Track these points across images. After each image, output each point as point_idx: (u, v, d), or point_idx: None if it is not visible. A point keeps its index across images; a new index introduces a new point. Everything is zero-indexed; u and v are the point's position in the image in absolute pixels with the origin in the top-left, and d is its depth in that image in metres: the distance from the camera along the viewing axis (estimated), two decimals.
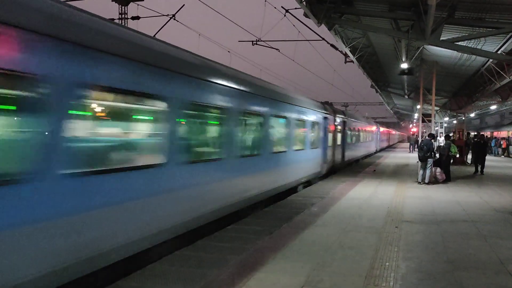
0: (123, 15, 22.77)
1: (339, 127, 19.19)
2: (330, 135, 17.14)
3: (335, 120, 18.15)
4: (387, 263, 5.54)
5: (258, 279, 4.89)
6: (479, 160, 18.04)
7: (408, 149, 39.72)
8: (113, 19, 19.10)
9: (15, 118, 4.05)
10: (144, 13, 19.28)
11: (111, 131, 5.36)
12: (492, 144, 35.91)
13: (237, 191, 8.42)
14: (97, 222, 4.63)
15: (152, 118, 6.05)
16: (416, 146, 37.27)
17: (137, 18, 20.18)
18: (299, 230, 7.33)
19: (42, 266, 4.02)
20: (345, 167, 20.87)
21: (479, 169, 17.96)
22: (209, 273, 5.05)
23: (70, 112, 4.35)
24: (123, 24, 22.79)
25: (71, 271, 4.34)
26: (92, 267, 4.61)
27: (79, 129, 4.56)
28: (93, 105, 4.88)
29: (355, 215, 8.71)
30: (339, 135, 19.21)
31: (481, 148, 18.28)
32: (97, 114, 5.08)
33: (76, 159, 4.42)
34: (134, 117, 5.84)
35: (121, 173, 5.01)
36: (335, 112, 18.71)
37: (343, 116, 20.37)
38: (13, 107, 3.97)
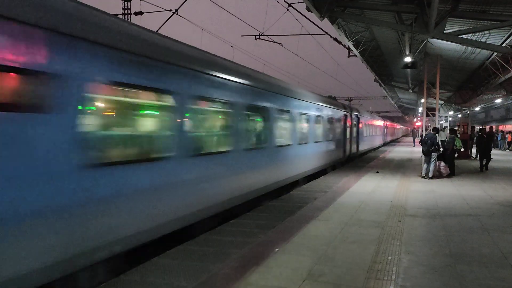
0: (126, 10, 22.77)
1: (354, 123, 22.47)
2: (348, 130, 20.70)
3: (352, 117, 21.57)
4: (390, 257, 5.54)
5: (260, 273, 4.91)
6: (483, 156, 17.64)
7: (412, 143, 39.75)
8: (116, 15, 19.10)
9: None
10: (147, 8, 19.29)
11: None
12: (498, 138, 35.58)
13: (317, 161, 14.72)
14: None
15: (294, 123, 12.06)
16: (414, 139, 37.79)
17: (140, 13, 20.16)
18: (301, 224, 7.35)
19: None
20: (359, 156, 24.31)
21: (484, 163, 17.55)
22: (212, 267, 5.08)
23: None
24: (126, 19, 22.75)
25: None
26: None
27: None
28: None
29: (358, 209, 8.71)
30: (354, 130, 22.59)
31: (484, 143, 17.79)
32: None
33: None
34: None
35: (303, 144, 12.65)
36: (351, 110, 22.04)
37: (357, 114, 23.62)
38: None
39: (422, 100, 23.44)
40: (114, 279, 4.72)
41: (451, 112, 38.43)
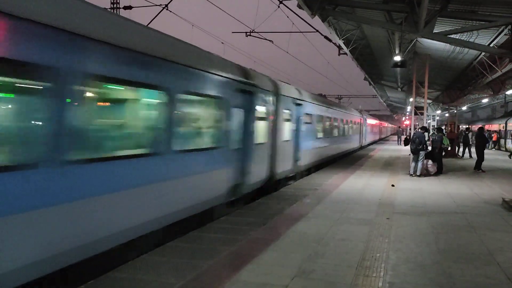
0: (115, 5, 22.49)
1: (364, 123, 32.57)
2: (361, 128, 31.05)
3: (362, 119, 31.59)
4: (378, 254, 5.58)
5: (250, 270, 4.91)
6: (479, 155, 16.77)
7: (397, 142, 40.36)
8: (105, 9, 18.79)
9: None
10: (137, 2, 19.01)
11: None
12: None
13: (354, 144, 27.26)
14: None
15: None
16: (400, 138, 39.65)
17: (129, 7, 19.94)
18: (291, 221, 7.36)
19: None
20: (366, 146, 34.05)
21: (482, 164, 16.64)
22: (202, 264, 5.06)
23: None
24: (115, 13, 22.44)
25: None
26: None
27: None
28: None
29: (347, 207, 8.76)
30: (364, 128, 32.77)
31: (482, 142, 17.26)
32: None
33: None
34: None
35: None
36: (361, 113, 33.57)
37: (365, 117, 34.43)
38: None
39: (411, 99, 23.68)
40: (102, 276, 4.68)
41: (439, 111, 38.88)
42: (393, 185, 11.61)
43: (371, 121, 40.85)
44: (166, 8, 14.03)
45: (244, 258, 5.29)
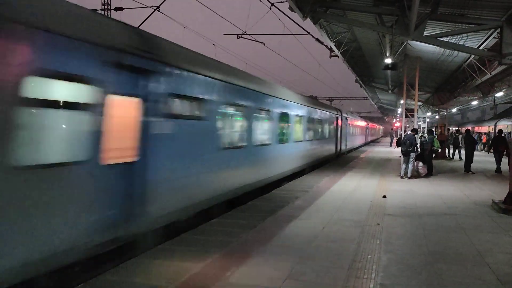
0: (106, 6, 22.35)
1: (367, 127, 44.38)
2: (366, 130, 42.87)
3: (365, 124, 42.44)
4: (369, 256, 5.60)
5: (241, 272, 4.89)
6: (469, 157, 17.09)
7: (389, 144, 41.00)
8: (95, 10, 18.67)
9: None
10: (128, 4, 18.95)
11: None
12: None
13: (360, 142, 39.27)
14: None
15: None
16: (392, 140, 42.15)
17: (121, 9, 19.80)
18: (283, 223, 7.36)
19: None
20: (369, 143, 46.22)
21: (471, 166, 16.99)
22: (193, 267, 5.03)
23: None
24: (105, 15, 22.30)
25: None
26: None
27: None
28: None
29: (339, 209, 8.79)
30: (368, 130, 44.59)
31: (471, 143, 17.51)
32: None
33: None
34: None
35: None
36: (366, 120, 45.83)
37: (368, 122, 46.64)
38: None
39: (402, 101, 23.86)
40: (93, 279, 4.63)
41: (429, 113, 39.20)
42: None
43: (371, 124, 56.96)
44: (157, 9, 13.97)
45: (235, 261, 5.27)
